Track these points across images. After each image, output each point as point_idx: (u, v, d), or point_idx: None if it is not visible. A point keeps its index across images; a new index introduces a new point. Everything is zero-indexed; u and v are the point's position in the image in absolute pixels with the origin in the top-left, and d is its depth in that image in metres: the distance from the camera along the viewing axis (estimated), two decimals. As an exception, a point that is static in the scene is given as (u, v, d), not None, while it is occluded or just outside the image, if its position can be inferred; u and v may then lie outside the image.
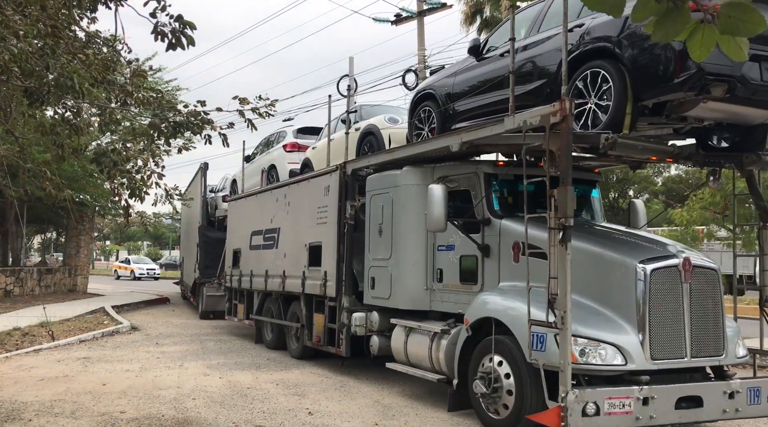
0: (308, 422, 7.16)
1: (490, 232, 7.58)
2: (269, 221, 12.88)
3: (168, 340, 13.90)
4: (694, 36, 1.84)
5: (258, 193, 14.17)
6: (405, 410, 7.89)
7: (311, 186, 11.24)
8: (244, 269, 14.13)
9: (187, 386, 8.99)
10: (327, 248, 10.41)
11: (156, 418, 7.22)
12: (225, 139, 7.47)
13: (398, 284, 8.66)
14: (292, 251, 11.76)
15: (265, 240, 13.00)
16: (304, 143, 14.16)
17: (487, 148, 7.93)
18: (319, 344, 10.59)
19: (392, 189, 8.92)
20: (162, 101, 7.64)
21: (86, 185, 21.82)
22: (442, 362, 7.71)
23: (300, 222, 11.54)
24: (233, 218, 15.82)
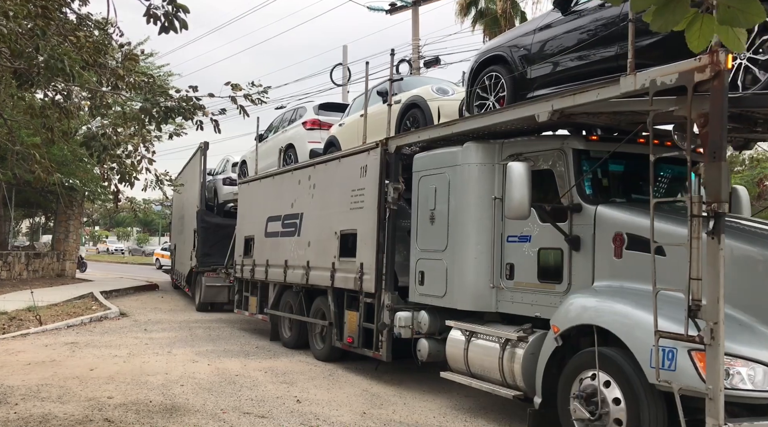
0: (296, 410, 7.17)
1: (581, 220, 6.29)
2: (289, 205, 11.56)
3: (156, 326, 13.86)
4: (693, 26, 1.83)
5: (275, 174, 12.69)
6: (393, 399, 7.91)
7: (343, 166, 9.87)
8: (258, 259, 12.82)
9: (175, 373, 8.97)
10: (363, 236, 9.12)
11: (143, 404, 7.21)
12: (217, 125, 7.43)
13: (456, 280, 7.42)
14: (318, 240, 10.45)
15: (284, 227, 11.72)
16: (326, 120, 12.77)
17: (580, 119, 6.53)
18: (353, 346, 9.31)
19: (449, 169, 7.65)
20: (153, 86, 7.56)
21: (76, 170, 21.67)
22: (517, 375, 6.47)
23: (329, 207, 10.21)
24: (245, 203, 14.32)
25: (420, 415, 7.20)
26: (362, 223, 9.21)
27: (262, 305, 12.75)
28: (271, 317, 12.24)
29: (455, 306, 7.47)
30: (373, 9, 22.05)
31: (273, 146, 14.15)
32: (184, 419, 6.65)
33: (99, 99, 7.66)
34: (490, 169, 7.30)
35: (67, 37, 6.75)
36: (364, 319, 9.04)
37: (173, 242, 25.75)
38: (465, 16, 24.28)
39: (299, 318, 11.09)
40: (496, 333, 6.87)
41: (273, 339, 12.10)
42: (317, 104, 13.64)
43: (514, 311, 6.93)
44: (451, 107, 9.14)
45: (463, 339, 7.25)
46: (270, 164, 13.94)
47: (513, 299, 6.96)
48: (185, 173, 21.38)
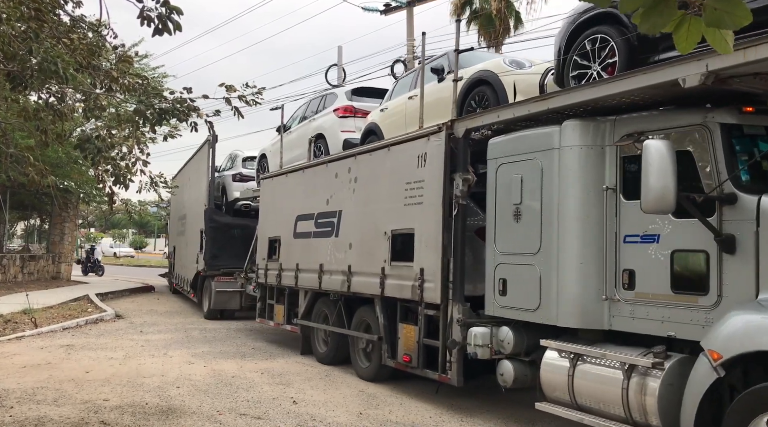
0: (293, 411, 7.18)
1: (736, 215, 5.04)
2: (324, 202, 10.16)
3: (152, 328, 13.85)
4: (681, 28, 1.85)
5: (305, 168, 11.23)
6: (389, 399, 7.92)
7: (394, 156, 8.54)
8: (285, 262, 11.39)
9: (172, 375, 8.97)
10: (423, 236, 7.77)
11: (140, 406, 7.20)
12: (211, 127, 7.43)
13: (555, 290, 6.08)
14: (362, 241, 9.08)
15: (318, 226, 10.32)
16: (361, 107, 11.46)
17: (739, 84, 5.18)
18: (410, 366, 7.99)
19: (542, 154, 6.31)
20: (148, 88, 7.56)
21: (70, 172, 21.62)
22: (651, 411, 5.17)
23: (375, 203, 8.87)
24: (268, 200, 12.80)
25: (416, 415, 7.21)
26: (421, 221, 7.85)
27: (289, 315, 11.39)
28: (302, 329, 10.81)
29: (555, 322, 6.10)
30: (367, 9, 22.06)
31: (300, 137, 12.77)
32: (180, 421, 6.65)
33: (93, 101, 7.66)
34: (598, 153, 5.96)
35: (60, 39, 6.76)
36: (425, 334, 7.72)
37: (172, 244, 24.52)
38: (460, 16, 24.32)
39: (338, 331, 9.71)
40: (615, 357, 5.51)
41: (305, 353, 10.74)
42: (350, 89, 12.31)
43: (636, 329, 5.59)
44: (528, 82, 7.82)
45: (565, 363, 5.92)
46: (295, 157, 12.63)
47: (634, 313, 5.61)
48: (188, 170, 20.17)
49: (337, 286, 9.61)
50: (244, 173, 16.94)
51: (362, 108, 11.44)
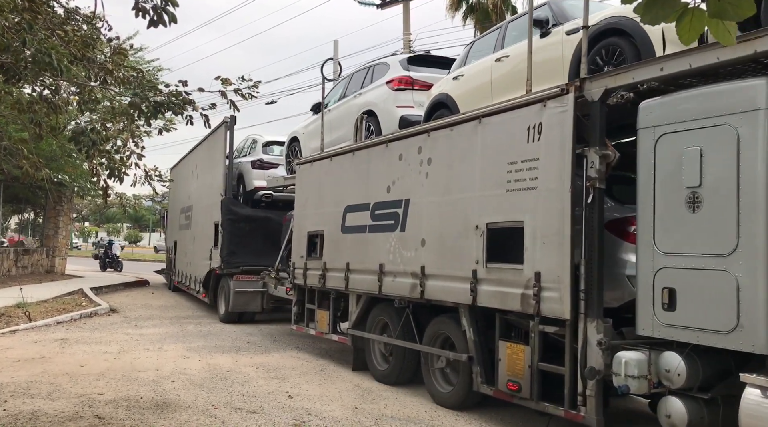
0: (288, 405, 7.17)
1: None
2: (383, 189, 8.54)
3: (147, 322, 13.81)
4: (683, 19, 1.84)
5: (356, 150, 9.46)
6: (385, 394, 7.92)
7: (490, 129, 6.86)
8: (331, 261, 9.70)
9: (166, 369, 8.95)
10: (539, 231, 6.12)
11: (134, 400, 7.18)
12: (207, 120, 7.40)
13: (763, 304, 4.57)
14: (441, 237, 7.44)
15: (376, 219, 8.69)
16: (420, 78, 9.76)
17: None
18: (518, 395, 6.33)
19: (737, 118, 4.76)
20: (143, 81, 7.53)
21: (65, 165, 21.52)
22: None
23: (460, 190, 7.18)
24: (305, 189, 10.99)
25: (411, 410, 7.21)
26: (535, 211, 6.19)
27: (336, 322, 9.98)
28: (353, 340, 9.20)
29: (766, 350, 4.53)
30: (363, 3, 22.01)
31: (341, 117, 11.08)
32: (175, 415, 6.63)
33: (87, 94, 7.62)
34: None
35: (54, 31, 6.72)
36: (541, 357, 6.13)
37: (172, 239, 22.49)
38: (456, 10, 24.31)
39: (405, 345, 8.15)
40: None
41: (358, 369, 9.16)
42: (405, 58, 10.53)
43: None
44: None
45: None
46: (334, 140, 10.98)
47: None
48: (194, 158, 18.40)
49: (404, 291, 7.93)
50: (265, 160, 15.17)
51: (421, 79, 9.73)
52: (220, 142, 15.18)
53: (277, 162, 14.76)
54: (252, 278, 13.75)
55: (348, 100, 11.04)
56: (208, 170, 16.27)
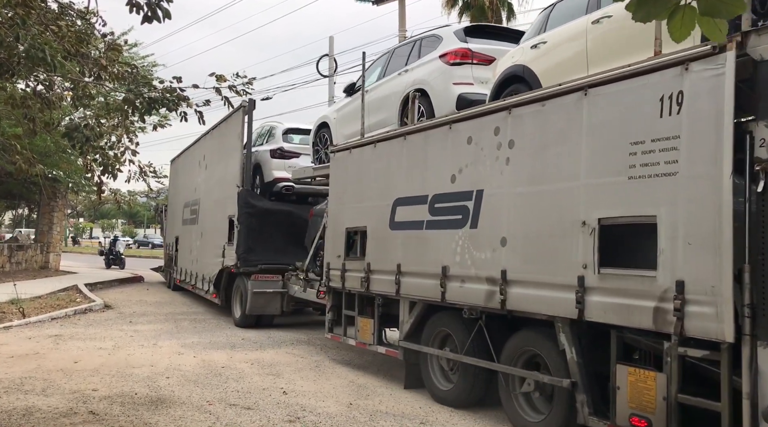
0: (282, 402, 7.18)
1: None
2: (447, 179, 7.28)
3: (142, 318, 13.80)
4: (675, 16, 1.85)
5: (408, 133, 8.16)
6: (379, 390, 7.94)
7: (601, 102, 5.57)
8: (376, 261, 8.49)
9: (161, 365, 8.94)
10: (682, 229, 4.89)
11: (129, 396, 7.18)
12: (201, 117, 7.38)
13: None
14: (530, 235, 6.15)
15: (437, 213, 7.47)
16: (481, 50, 8.56)
17: None
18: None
19: None
20: (137, 77, 7.51)
21: (59, 161, 21.47)
22: None
23: (557, 178, 5.91)
24: (342, 180, 9.64)
25: (406, 406, 7.23)
26: (675, 203, 4.96)
27: (381, 332, 8.79)
28: (405, 353, 8.03)
29: None
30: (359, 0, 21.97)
31: (381, 98, 9.82)
32: (169, 411, 6.63)
33: (81, 90, 7.59)
34: None
35: (48, 26, 6.68)
36: (680, 387, 4.90)
37: (172, 234, 20.99)
38: (451, 7, 24.31)
39: (477, 363, 6.87)
40: None
41: (411, 387, 8.00)
42: (461, 28, 9.17)
43: None
44: None
45: None
46: (371, 125, 9.74)
47: None
48: (202, 147, 17.09)
49: (476, 299, 6.72)
50: (285, 148, 13.92)
51: (482, 52, 8.54)
52: (236, 129, 13.68)
53: (299, 151, 13.72)
54: (271, 277, 12.66)
55: (389, 79, 9.79)
56: (221, 160, 14.85)
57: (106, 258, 30.52)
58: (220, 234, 14.34)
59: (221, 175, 14.76)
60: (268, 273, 12.71)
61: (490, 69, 8.24)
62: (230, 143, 14.17)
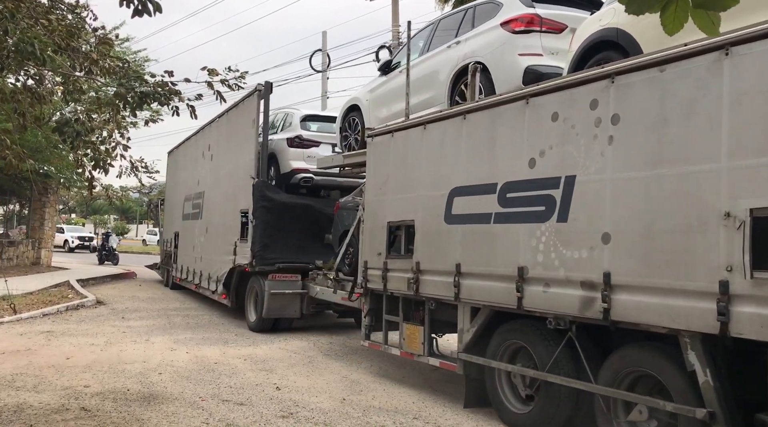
0: (276, 397, 7.17)
1: None
2: (524, 164, 6.18)
3: (134, 314, 13.75)
4: (668, 9, 1.84)
5: (467, 112, 6.99)
6: (372, 385, 7.94)
7: (751, 64, 4.50)
8: (428, 261, 7.39)
9: (154, 361, 8.91)
10: None
11: (121, 392, 7.15)
12: (193, 111, 7.34)
13: None
14: (644, 228, 5.09)
15: (509, 204, 6.35)
16: (550, 16, 7.49)
17: None
18: None
19: None
20: (128, 71, 7.46)
21: (50, 156, 21.34)
22: None
23: (686, 159, 4.85)
24: (382, 168, 8.50)
25: (399, 401, 7.23)
26: None
27: (432, 341, 7.67)
28: (466, 367, 6.92)
29: None
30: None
31: (428, 74, 8.69)
32: (162, 407, 6.61)
33: (72, 84, 7.53)
34: None
35: (38, 20, 6.63)
36: None
37: (171, 230, 19.81)
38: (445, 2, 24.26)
39: (568, 383, 5.76)
40: None
41: (472, 406, 6.98)
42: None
43: None
44: None
45: None
46: (415, 105, 8.60)
47: None
48: (209, 136, 15.77)
49: (567, 306, 5.65)
50: (304, 136, 12.75)
51: (552, 18, 7.48)
52: (251, 115, 12.48)
53: (319, 139, 12.72)
54: (290, 277, 11.63)
55: (435, 53, 8.70)
56: (231, 150, 13.66)
57: (98, 254, 30.36)
58: (230, 230, 13.23)
59: (232, 166, 13.61)
60: (286, 272, 11.68)
61: (561, 38, 7.20)
62: (242, 131, 12.97)
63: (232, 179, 13.53)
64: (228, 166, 13.94)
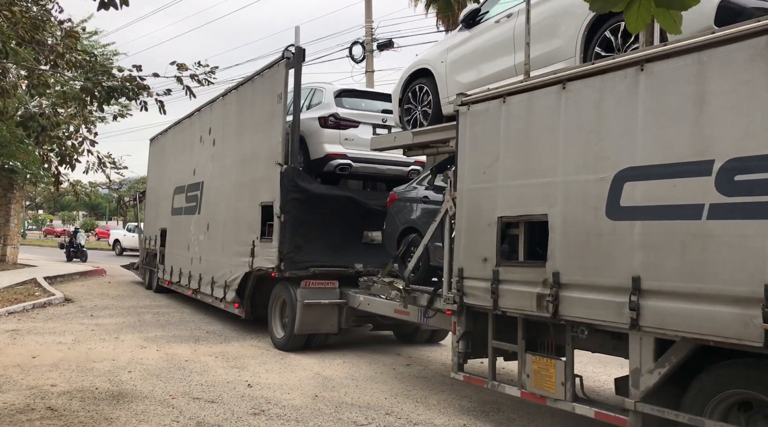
0: (247, 394, 7.13)
1: None
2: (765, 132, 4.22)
3: (103, 312, 13.55)
4: (631, 8, 1.87)
5: (647, 61, 4.97)
6: (345, 382, 7.93)
7: None
8: (575, 271, 5.43)
9: (123, 359, 8.80)
10: None
11: (89, 391, 7.04)
12: (162, 106, 7.24)
13: None
14: None
15: (739, 191, 4.34)
16: None
17: None
18: None
19: None
20: (95, 65, 7.33)
21: (16, 151, 20.88)
22: None
23: None
24: (486, 146, 6.52)
25: (371, 397, 7.24)
26: None
27: (575, 380, 5.68)
28: (646, 422, 4.92)
29: None
30: (326, -11, 21.77)
31: (543, 21, 6.46)
32: (131, 405, 6.53)
33: (37, 78, 7.38)
34: None
35: (1, 12, 6.46)
36: None
37: (157, 226, 17.57)
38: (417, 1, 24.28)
39: None
40: None
41: None
42: None
43: None
44: None
45: None
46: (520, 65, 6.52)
47: None
48: (210, 117, 13.56)
49: None
50: (340, 115, 10.48)
51: None
52: (276, 88, 10.25)
53: (358, 119, 10.59)
54: (327, 284, 9.69)
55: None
56: (246, 132, 11.59)
57: (66, 251, 29.84)
58: (245, 226, 11.16)
59: (248, 151, 11.47)
60: (322, 279, 9.70)
61: None
62: (264, 108, 10.82)
63: (248, 167, 11.40)
64: (241, 152, 11.77)
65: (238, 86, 12.17)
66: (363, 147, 10.11)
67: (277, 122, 10.16)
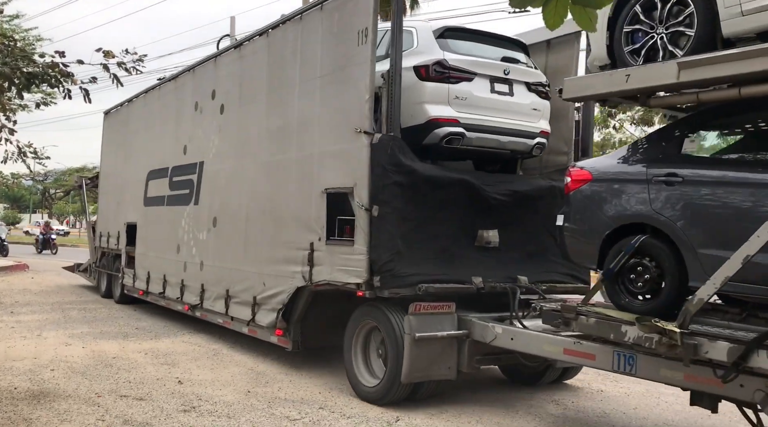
0: (177, 391, 6.98)
1: None
2: None
3: (25, 308, 12.98)
4: (549, 5, 1.93)
5: None
6: (279, 376, 7.88)
7: None
8: None
9: (45, 357, 8.46)
10: None
11: (7, 391, 6.74)
12: (87, 95, 6.97)
13: None
14: None
15: None
16: None
17: None
18: None
19: None
20: (14, 50, 6.98)
21: (-71, 140, 19.72)
22: None
23: None
24: None
25: (305, 391, 7.21)
26: None
27: None
28: None
29: None
30: (261, -21, 21.40)
31: None
32: (53, 405, 6.29)
33: (-51, 61, 6.97)
34: None
35: None
36: None
37: (122, 219, 13.90)
38: None
39: None
40: None
41: None
42: None
43: None
44: None
45: None
46: None
47: None
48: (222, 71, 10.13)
49: None
50: (449, 63, 7.04)
51: None
52: (357, 21, 6.98)
53: (473, 69, 7.16)
54: (442, 307, 6.64)
55: None
56: (289, 90, 8.26)
57: None
58: (294, 222, 7.92)
59: (293, 116, 8.15)
60: (436, 300, 6.68)
61: None
62: (328, 55, 7.54)
63: (291, 139, 8.18)
64: (278, 119, 8.50)
65: (266, 31, 8.90)
66: (479, 109, 7.14)
67: (359, 72, 6.93)
